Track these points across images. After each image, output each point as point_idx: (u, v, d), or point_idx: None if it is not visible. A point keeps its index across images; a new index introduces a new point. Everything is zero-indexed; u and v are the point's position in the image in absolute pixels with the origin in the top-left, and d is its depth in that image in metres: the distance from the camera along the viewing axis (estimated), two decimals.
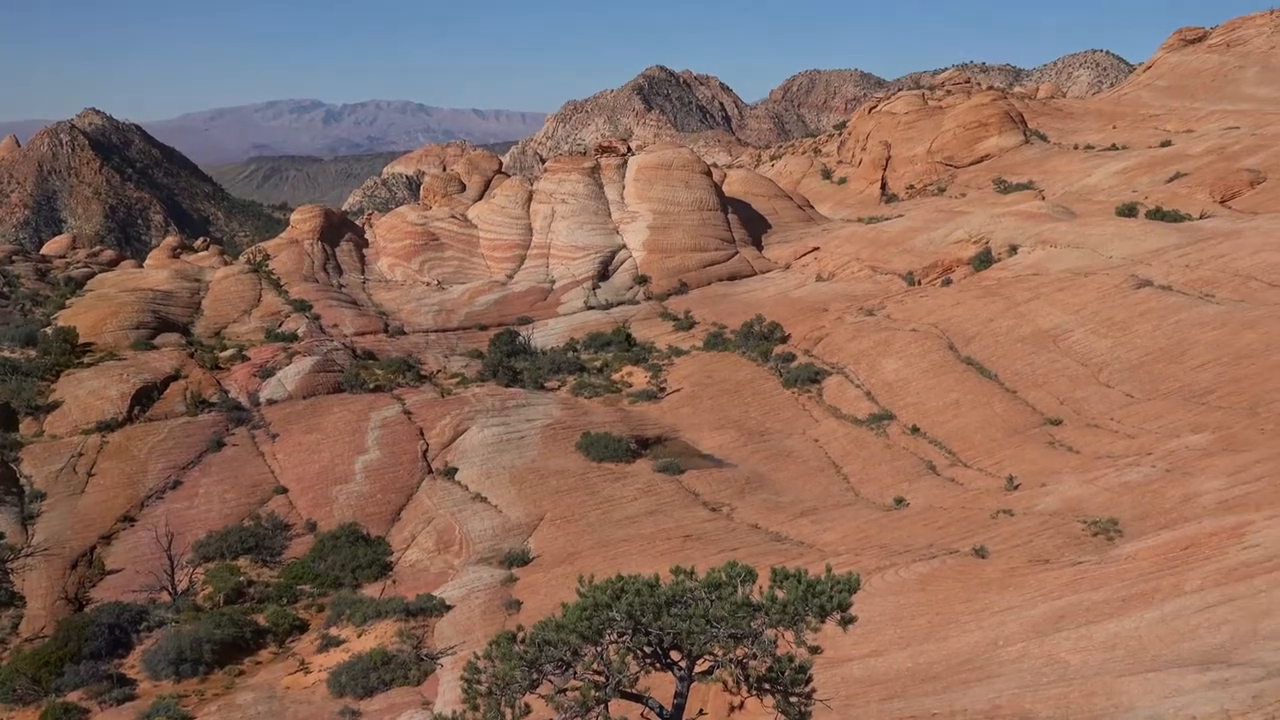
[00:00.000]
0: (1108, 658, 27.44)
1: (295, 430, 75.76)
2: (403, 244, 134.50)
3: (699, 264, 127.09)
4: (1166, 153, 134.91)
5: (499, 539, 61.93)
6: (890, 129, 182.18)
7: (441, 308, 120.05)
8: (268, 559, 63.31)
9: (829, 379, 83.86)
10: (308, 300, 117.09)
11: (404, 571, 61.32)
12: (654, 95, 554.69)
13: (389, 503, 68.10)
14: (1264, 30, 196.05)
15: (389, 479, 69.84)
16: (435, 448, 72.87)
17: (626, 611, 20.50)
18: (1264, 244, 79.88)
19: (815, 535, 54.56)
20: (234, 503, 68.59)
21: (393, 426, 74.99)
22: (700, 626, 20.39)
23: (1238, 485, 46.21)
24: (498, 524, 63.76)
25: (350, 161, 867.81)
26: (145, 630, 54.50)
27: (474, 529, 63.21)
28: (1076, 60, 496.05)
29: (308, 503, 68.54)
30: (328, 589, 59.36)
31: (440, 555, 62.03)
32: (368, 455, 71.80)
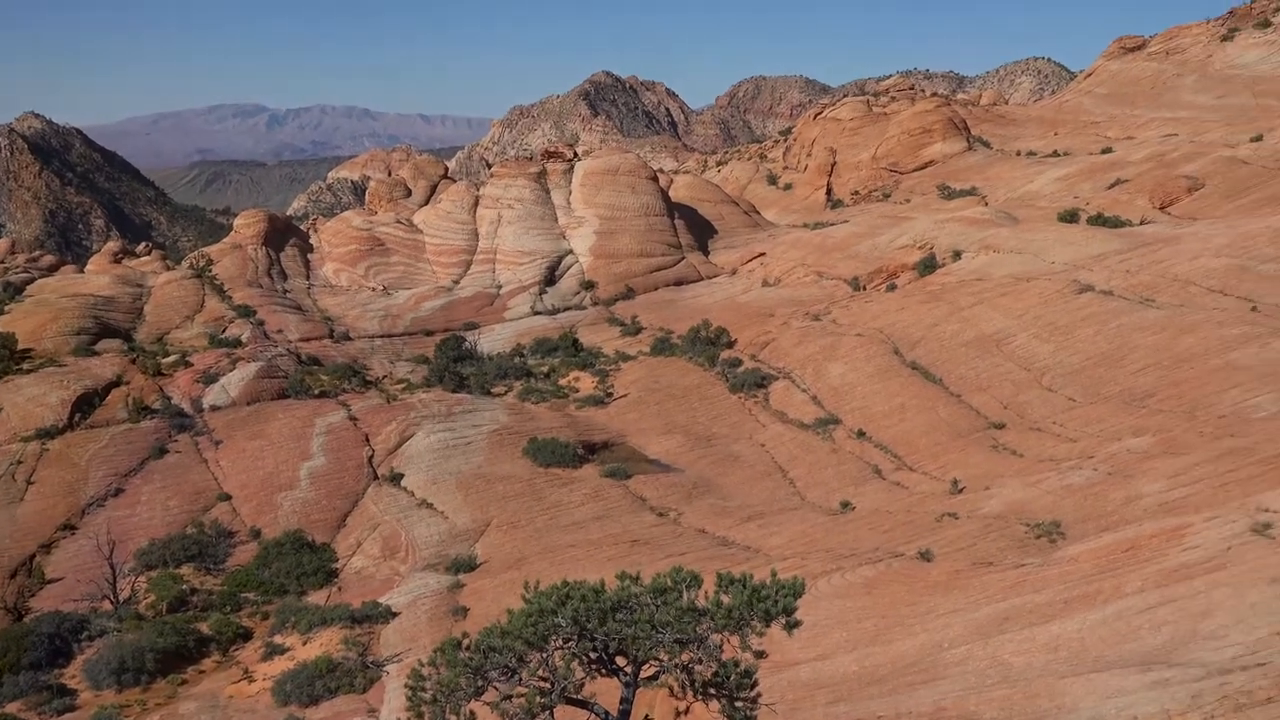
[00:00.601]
0: (1051, 659, 27.68)
1: (239, 437, 75.11)
2: (348, 249, 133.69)
3: (646, 269, 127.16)
4: (1107, 159, 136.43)
5: (445, 545, 61.65)
6: (835, 135, 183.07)
7: (387, 313, 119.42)
8: (211, 567, 62.70)
9: (775, 384, 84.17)
10: (252, 306, 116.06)
11: (350, 578, 60.93)
12: (601, 101, 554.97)
13: (334, 509, 67.66)
14: (1201, 39, 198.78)
15: (334, 485, 69.39)
16: (381, 454, 72.48)
17: (572, 617, 20.47)
18: (1202, 249, 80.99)
19: (762, 539, 54.70)
20: (177, 510, 67.89)
21: (338, 432, 74.52)
22: (646, 632, 20.38)
23: (1178, 487, 46.78)
24: (444, 530, 63.48)
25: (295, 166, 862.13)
26: (86, 640, 53.81)
27: (420, 535, 62.90)
28: (1018, 68, 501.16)
29: (252, 510, 67.96)
30: (272, 596, 58.87)
31: (386, 562, 61.68)
32: (313, 461, 71.30)
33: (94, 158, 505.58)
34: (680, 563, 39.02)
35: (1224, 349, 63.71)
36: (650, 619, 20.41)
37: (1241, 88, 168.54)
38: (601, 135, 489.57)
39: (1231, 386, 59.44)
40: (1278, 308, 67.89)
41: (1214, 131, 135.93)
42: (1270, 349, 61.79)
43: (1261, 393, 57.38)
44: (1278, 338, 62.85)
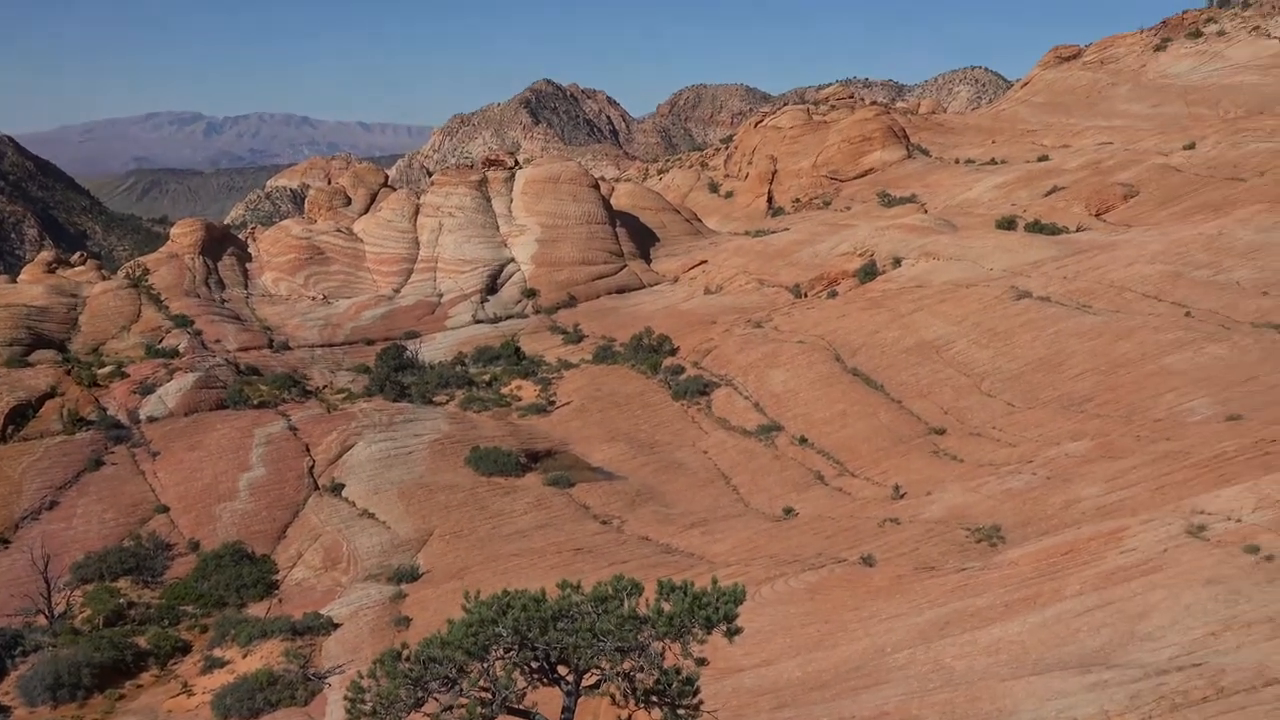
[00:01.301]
0: (992, 662, 27.88)
1: (177, 448, 74.20)
2: (287, 258, 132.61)
3: (588, 277, 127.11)
4: (1044, 167, 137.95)
5: (387, 555, 61.24)
6: (776, 143, 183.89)
7: (327, 322, 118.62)
8: (149, 580, 61.83)
9: (718, 391, 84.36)
10: (189, 315, 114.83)
11: (290, 590, 60.35)
12: (542, 109, 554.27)
13: (274, 520, 66.98)
14: (1135, 49, 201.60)
15: (274, 496, 68.70)
16: (322, 464, 71.87)
17: (513, 627, 20.39)
18: (1137, 256, 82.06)
19: (705, 546, 54.76)
20: (113, 523, 66.92)
21: (278, 443, 73.80)
22: (587, 640, 20.33)
23: (1115, 491, 47.33)
24: (386, 540, 63.05)
25: (233, 174, 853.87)
26: (21, 655, 52.84)
27: (362, 545, 62.44)
28: (956, 77, 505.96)
29: (190, 521, 67.13)
30: (211, 609, 58.15)
31: (328, 573, 61.17)
32: (252, 472, 70.55)
33: (26, 166, 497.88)
34: (623, 570, 38.93)
35: (1159, 354, 64.57)
36: (591, 627, 20.36)
37: (1174, 97, 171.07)
38: (543, 143, 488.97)
39: (1167, 391, 60.24)
40: (1211, 313, 68.89)
41: (1148, 140, 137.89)
42: (1204, 354, 62.69)
43: (1196, 396, 58.19)
44: (1211, 342, 63.77)
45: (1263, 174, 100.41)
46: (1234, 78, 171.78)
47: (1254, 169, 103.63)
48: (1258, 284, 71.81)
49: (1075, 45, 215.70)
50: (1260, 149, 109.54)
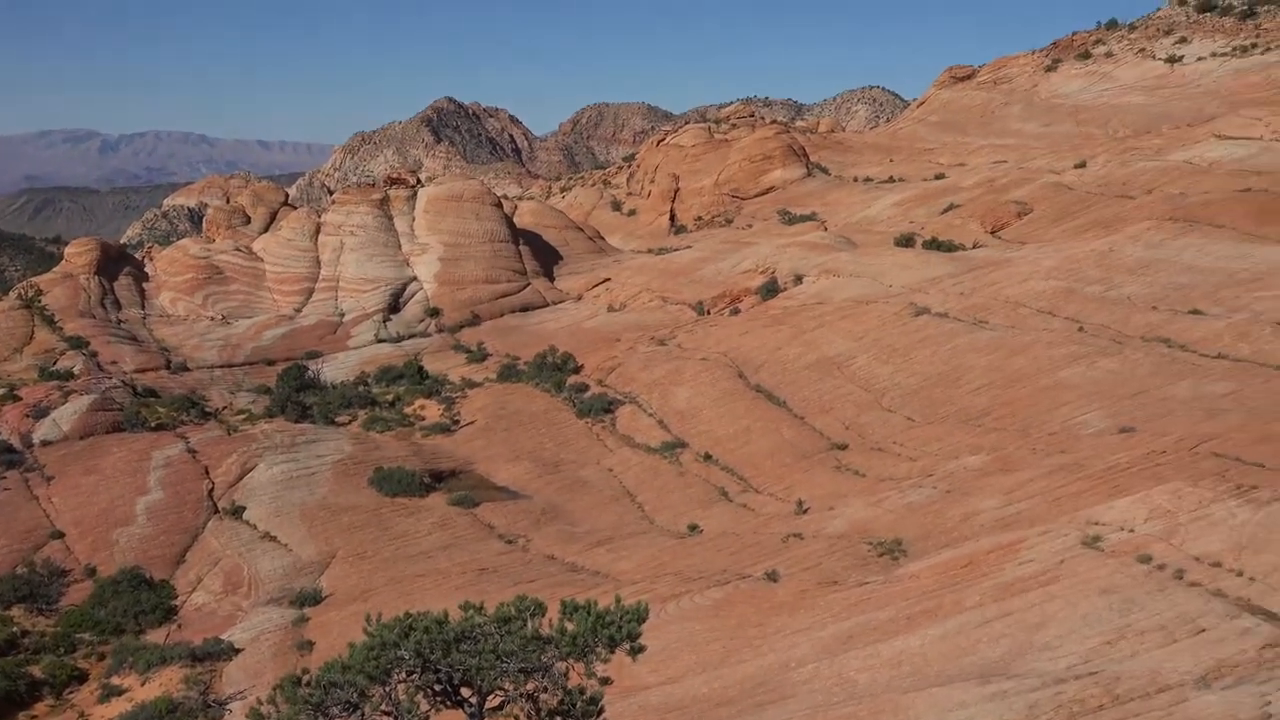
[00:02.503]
0: (894, 675, 28.20)
1: (72, 472, 72.59)
2: (185, 278, 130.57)
3: (491, 295, 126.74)
4: (940, 185, 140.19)
5: (290, 578, 60.45)
6: (678, 161, 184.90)
7: (227, 342, 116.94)
8: (43, 607, 60.30)
9: (622, 408, 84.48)
10: (84, 337, 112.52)
11: (190, 615, 59.28)
12: (443, 127, 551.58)
13: (173, 544, 65.78)
14: (1027, 69, 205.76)
15: (173, 520, 67.49)
16: (221, 486, 70.76)
17: (415, 649, 20.23)
18: (1031, 272, 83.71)
19: (611, 564, 54.74)
20: (5, 550, 65.20)
21: (176, 465, 72.53)
22: (490, 662, 20.25)
23: (1012, 503, 48.12)
24: (288, 563, 62.26)
25: (129, 193, 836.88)
26: None
27: (263, 569, 61.56)
28: (855, 96, 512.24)
29: (86, 547, 65.67)
30: (109, 636, 56.86)
31: (228, 597, 60.21)
32: (150, 496, 69.25)
33: None
34: (529, 590, 38.78)
35: (1054, 368, 65.87)
36: (494, 649, 20.29)
37: (1065, 116, 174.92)
38: (445, 162, 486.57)
39: (1061, 404, 61.45)
40: (1103, 328, 70.44)
41: (1040, 158, 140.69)
42: (1096, 368, 64.07)
43: (1089, 410, 59.44)
44: (1103, 357, 65.21)
45: (1150, 192, 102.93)
46: (1122, 98, 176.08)
47: (1142, 187, 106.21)
48: (1147, 299, 73.57)
49: (969, 66, 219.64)
50: (1148, 167, 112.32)
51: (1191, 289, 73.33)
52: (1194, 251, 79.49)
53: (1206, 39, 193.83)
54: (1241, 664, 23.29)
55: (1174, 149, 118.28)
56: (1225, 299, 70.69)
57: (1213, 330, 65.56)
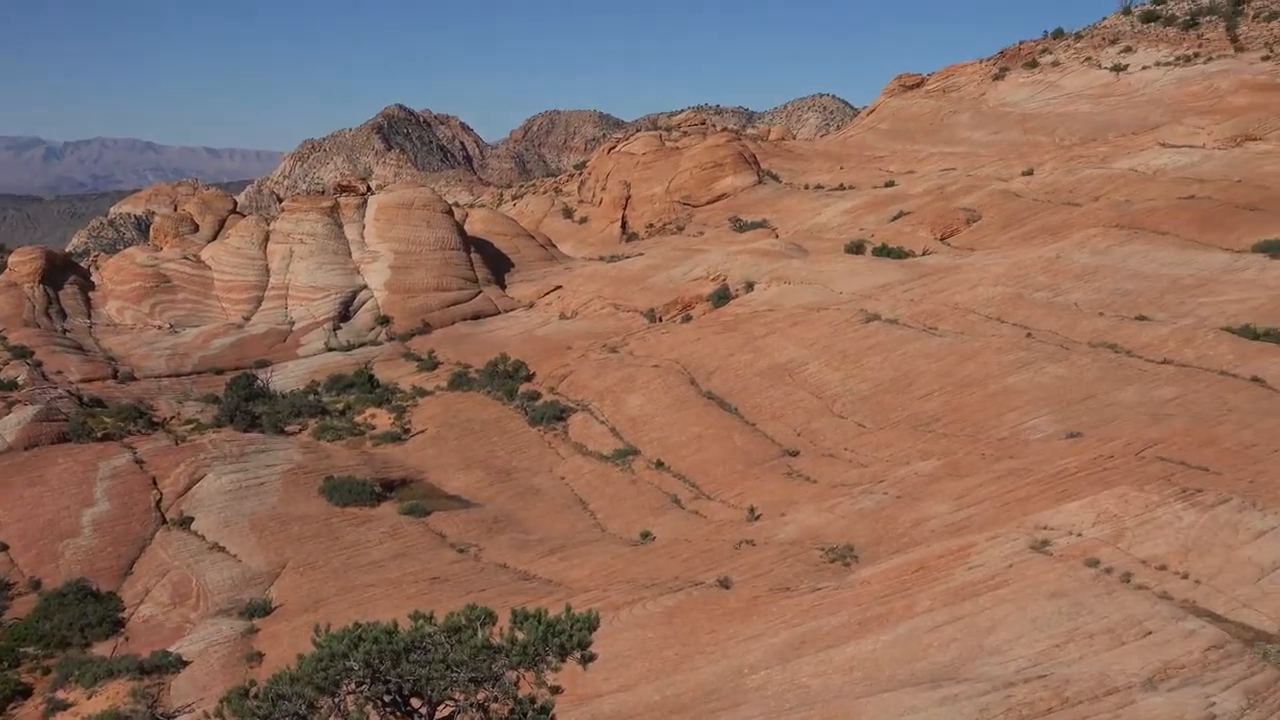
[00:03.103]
0: (846, 680, 28.28)
1: (16, 483, 71.62)
2: (132, 286, 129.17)
3: (442, 303, 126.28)
4: (890, 192, 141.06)
5: (239, 589, 59.93)
6: (629, 169, 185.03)
7: (174, 351, 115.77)
8: None
9: (574, 416, 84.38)
10: (29, 346, 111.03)
11: (138, 627, 58.63)
12: (394, 134, 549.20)
13: (121, 556, 65.04)
14: (975, 78, 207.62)
15: (120, 531, 66.73)
16: (170, 497, 70.07)
17: (364, 660, 20.09)
18: (980, 279, 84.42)
19: (563, 573, 54.65)
20: None
21: (123, 476, 71.73)
22: (440, 672, 20.14)
23: (962, 508, 48.49)
24: (237, 574, 61.72)
25: (74, 201, 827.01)
26: None
27: (212, 580, 60.99)
28: (805, 104, 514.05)
29: (31, 559, 64.81)
30: (54, 650, 56.08)
31: (176, 609, 59.59)
32: (96, 507, 68.45)
33: None
34: (481, 599, 38.60)
35: (1003, 374, 66.45)
36: (444, 658, 20.17)
37: (1013, 124, 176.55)
38: (395, 169, 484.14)
39: (1010, 410, 62.00)
40: (1051, 333, 71.16)
41: (989, 166, 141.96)
42: (1044, 373, 64.70)
43: (1037, 415, 60.01)
44: (1051, 362, 65.85)
45: (1097, 199, 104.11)
46: (1068, 106, 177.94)
47: (1088, 194, 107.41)
48: (1094, 305, 74.39)
49: (918, 74, 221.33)
50: (1094, 175, 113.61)
51: (1137, 295, 74.23)
52: (1139, 258, 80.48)
53: (1151, 48, 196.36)
54: (1187, 665, 23.55)
55: (1119, 157, 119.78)
56: (1170, 305, 71.61)
57: (1158, 336, 66.39)
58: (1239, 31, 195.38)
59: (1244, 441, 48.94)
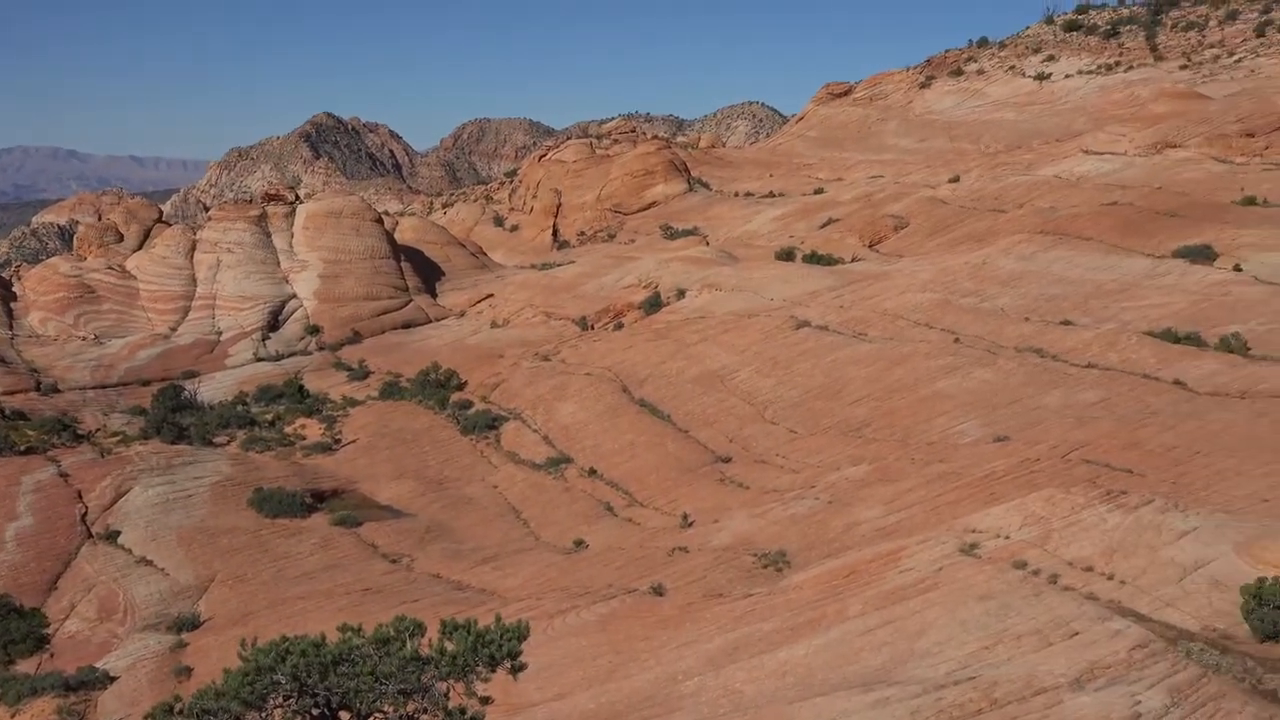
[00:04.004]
0: (779, 685, 28.42)
1: None
2: (55, 297, 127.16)
3: (372, 312, 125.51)
4: (819, 200, 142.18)
5: (167, 603, 59.12)
6: (560, 177, 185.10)
7: (100, 363, 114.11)
8: None
9: (507, 425, 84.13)
10: None
11: (63, 643, 57.64)
12: (322, 142, 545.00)
13: (45, 571, 63.92)
14: (902, 86, 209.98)
15: (44, 546, 65.59)
16: (95, 510, 69.01)
17: (291, 674, 19.90)
18: (908, 285, 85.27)
19: (497, 582, 54.45)
20: None
21: (47, 490, 70.56)
22: (368, 684, 20.00)
23: (893, 513, 48.92)
24: (165, 588, 60.89)
25: None
26: None
27: (140, 594, 60.12)
28: (735, 111, 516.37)
29: None
30: None
31: (103, 624, 58.68)
32: (19, 522, 67.24)
33: None
34: (413, 609, 38.38)
35: (931, 379, 67.12)
36: (373, 671, 20.03)
37: (939, 132, 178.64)
38: (324, 177, 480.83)
39: (939, 415, 62.63)
40: (978, 339, 71.97)
41: (916, 173, 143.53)
42: (972, 378, 65.44)
43: (966, 419, 60.68)
44: (979, 367, 66.62)
45: (1021, 206, 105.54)
46: (993, 114, 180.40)
47: (1013, 201, 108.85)
48: (1020, 310, 75.34)
49: (846, 82, 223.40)
50: (1019, 182, 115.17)
51: (1062, 300, 75.28)
52: (1064, 264, 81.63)
53: (1073, 57, 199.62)
54: (1113, 665, 23.90)
55: (1044, 164, 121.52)
56: (1094, 309, 72.69)
57: (1082, 340, 67.36)
58: (1158, 41, 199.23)
59: (1166, 443, 49.81)
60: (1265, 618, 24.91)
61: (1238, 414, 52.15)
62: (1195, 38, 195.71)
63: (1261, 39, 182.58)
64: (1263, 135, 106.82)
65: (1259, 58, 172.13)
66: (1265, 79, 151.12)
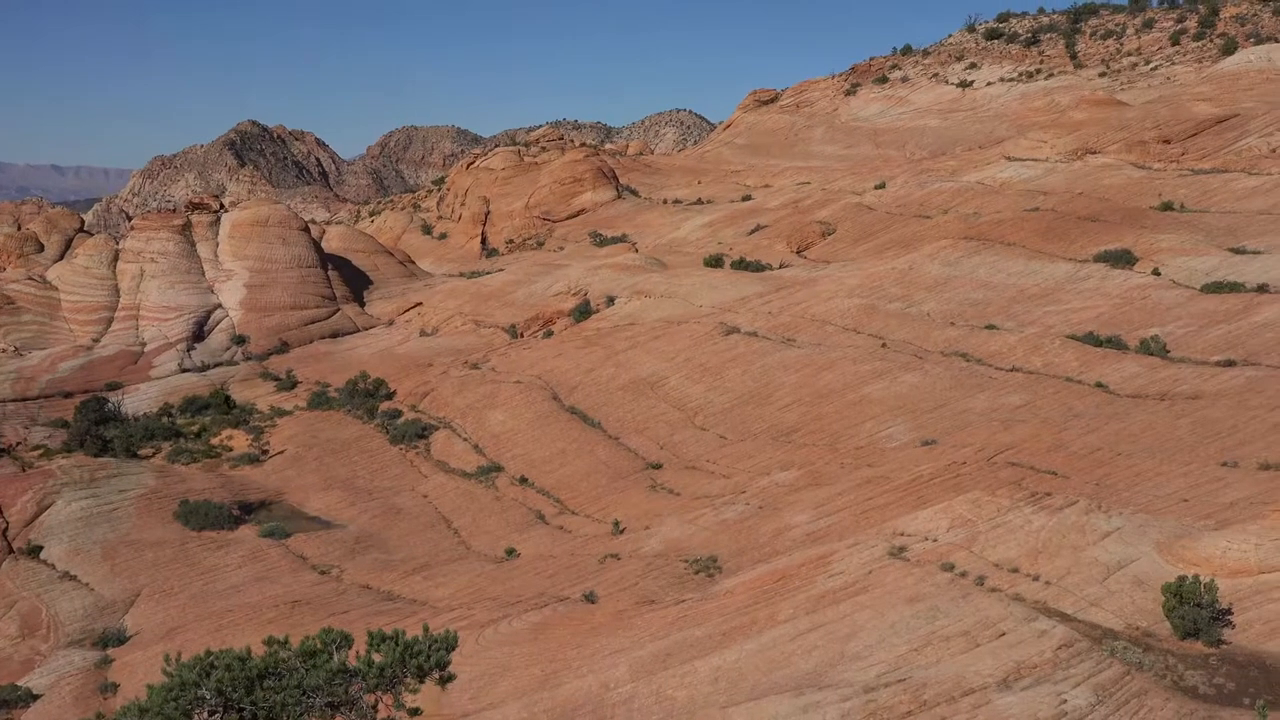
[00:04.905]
0: (712, 690, 28.55)
1: None
2: None
3: (300, 322, 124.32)
4: (747, 206, 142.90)
5: (92, 619, 58.26)
6: (488, 185, 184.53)
7: (20, 375, 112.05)
8: None
9: (437, 434, 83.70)
10: None
11: None
12: (247, 151, 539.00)
13: None
14: (827, 93, 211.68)
15: None
16: (16, 526, 67.80)
17: (216, 689, 19.68)
18: (836, 290, 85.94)
19: (428, 592, 54.19)
20: None
21: None
22: (295, 698, 19.83)
23: (823, 517, 49.27)
24: (90, 603, 59.97)
25: None
26: None
27: (64, 610, 59.16)
28: (663, 119, 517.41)
29: None
30: None
31: (26, 641, 57.67)
32: None
33: None
34: (343, 621, 38.16)
35: (859, 384, 67.71)
36: (300, 684, 19.87)
37: (864, 138, 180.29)
38: (249, 186, 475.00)
39: (867, 419, 63.19)
40: (905, 343, 72.70)
41: (842, 180, 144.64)
42: (899, 383, 66.08)
43: (893, 423, 61.27)
44: (906, 372, 67.29)
45: (946, 211, 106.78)
46: (918, 121, 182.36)
47: (938, 207, 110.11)
48: (945, 315, 76.22)
49: (773, 89, 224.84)
50: (944, 188, 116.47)
51: (986, 305, 76.29)
52: (988, 269, 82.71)
53: (995, 65, 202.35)
54: (1039, 664, 24.28)
55: (968, 170, 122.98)
56: (1018, 314, 73.73)
57: (1006, 344, 68.30)
58: (1078, 49, 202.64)
59: (1090, 445, 50.64)
60: (1186, 615, 25.42)
61: (1158, 415, 53.14)
62: (1113, 45, 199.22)
63: (1176, 47, 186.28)
64: (1179, 142, 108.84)
65: (1174, 65, 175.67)
66: (1180, 86, 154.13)
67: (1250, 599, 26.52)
